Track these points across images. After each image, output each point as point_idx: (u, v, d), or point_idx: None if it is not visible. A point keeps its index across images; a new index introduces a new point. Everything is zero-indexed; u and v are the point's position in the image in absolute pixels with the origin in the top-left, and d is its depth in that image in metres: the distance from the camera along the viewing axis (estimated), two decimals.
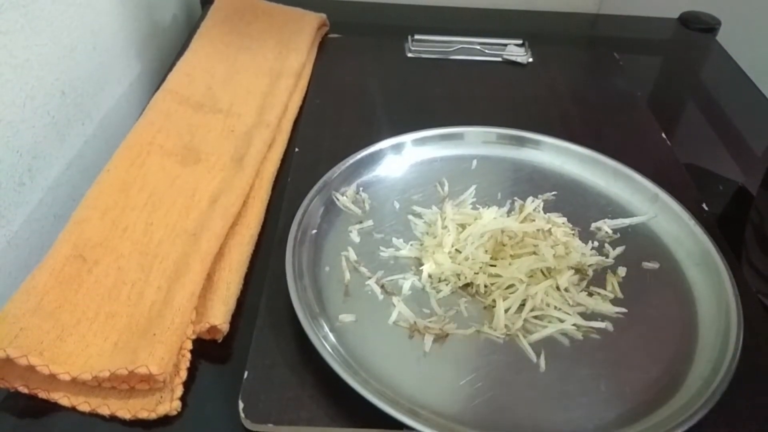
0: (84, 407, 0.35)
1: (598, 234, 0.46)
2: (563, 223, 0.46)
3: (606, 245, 0.45)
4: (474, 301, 0.41)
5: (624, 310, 0.40)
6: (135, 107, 0.62)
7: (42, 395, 0.35)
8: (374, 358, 0.37)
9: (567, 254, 0.42)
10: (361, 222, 0.46)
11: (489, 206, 0.46)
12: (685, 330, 0.40)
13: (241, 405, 0.34)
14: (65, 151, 0.51)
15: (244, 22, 0.66)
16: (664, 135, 0.56)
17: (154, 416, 0.34)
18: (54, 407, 0.35)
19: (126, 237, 0.42)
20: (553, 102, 0.61)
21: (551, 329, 0.39)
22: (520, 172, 0.51)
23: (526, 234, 0.43)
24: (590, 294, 0.41)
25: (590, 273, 0.43)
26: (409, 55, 0.67)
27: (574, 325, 0.39)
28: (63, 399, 0.35)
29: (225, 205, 0.44)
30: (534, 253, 0.42)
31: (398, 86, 0.62)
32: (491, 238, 0.43)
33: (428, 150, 0.52)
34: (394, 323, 0.39)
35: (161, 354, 0.35)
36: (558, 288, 0.41)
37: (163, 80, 0.57)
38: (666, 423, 0.34)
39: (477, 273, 0.41)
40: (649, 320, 0.40)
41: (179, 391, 0.35)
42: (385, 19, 0.78)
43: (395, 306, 0.40)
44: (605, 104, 0.61)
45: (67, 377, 0.34)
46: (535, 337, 0.39)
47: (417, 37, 0.68)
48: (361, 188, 0.48)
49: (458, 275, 0.41)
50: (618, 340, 0.39)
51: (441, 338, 0.38)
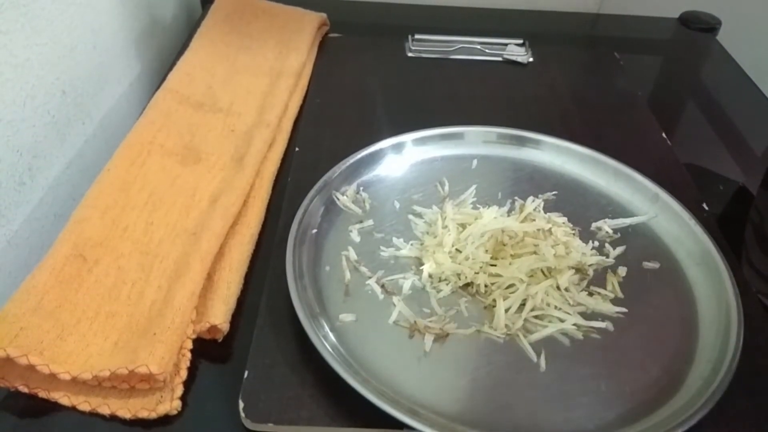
0: (84, 407, 0.35)
1: (599, 234, 0.46)
2: (563, 223, 0.46)
3: (606, 245, 0.45)
4: (474, 301, 0.41)
5: (624, 310, 0.40)
6: (135, 107, 0.62)
7: (42, 395, 0.35)
8: (374, 358, 0.37)
9: (567, 254, 0.42)
10: (362, 221, 0.46)
11: (489, 206, 0.46)
12: (685, 330, 0.40)
13: (242, 404, 0.34)
14: (65, 151, 0.51)
15: (245, 22, 0.66)
16: (665, 135, 0.57)
17: (155, 416, 0.34)
18: (54, 407, 0.35)
19: (126, 236, 0.42)
20: (554, 102, 0.61)
21: (551, 329, 0.39)
22: (521, 172, 0.51)
23: (527, 234, 0.43)
24: (590, 294, 0.41)
25: (590, 273, 0.43)
26: (410, 55, 0.67)
27: (575, 325, 0.39)
28: (63, 398, 0.35)
29: (225, 205, 0.44)
30: (534, 253, 0.42)
31: (398, 86, 0.62)
32: (491, 238, 0.43)
33: (428, 150, 0.52)
34: (395, 323, 0.39)
35: (161, 353, 0.35)
36: (558, 288, 0.41)
37: (163, 80, 0.57)
38: (666, 423, 0.34)
39: (477, 273, 0.41)
40: (649, 320, 0.40)
41: (179, 391, 0.35)
42: (386, 19, 0.78)
43: (395, 306, 0.40)
44: (605, 104, 0.61)
45: (68, 377, 0.34)
46: (536, 337, 0.39)
47: (417, 37, 0.68)
48: (362, 188, 0.48)
49: (458, 275, 0.41)
50: (618, 340, 0.39)
51: (441, 338, 0.38)
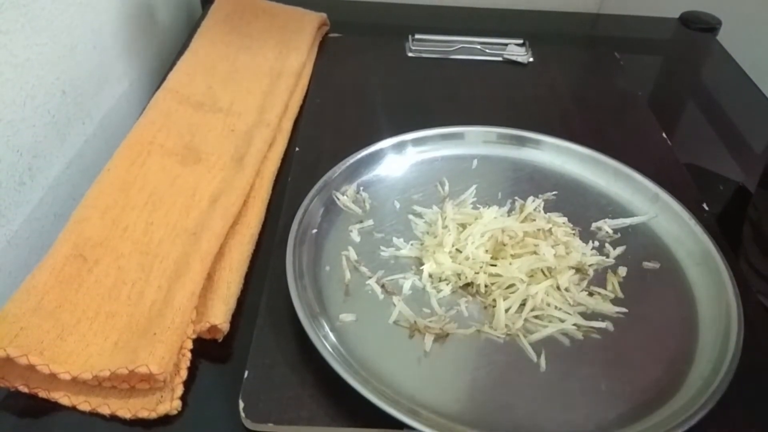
0: (84, 407, 0.35)
1: (599, 234, 0.46)
2: (564, 223, 0.46)
3: (606, 245, 0.45)
4: (474, 301, 0.41)
5: (624, 310, 0.40)
6: (135, 107, 0.62)
7: (42, 394, 0.35)
8: (374, 358, 0.37)
9: (567, 254, 0.42)
10: (362, 221, 0.46)
11: (489, 206, 0.46)
12: (685, 330, 0.40)
13: (242, 404, 0.34)
14: (65, 151, 0.51)
15: (245, 22, 0.66)
16: (665, 135, 0.56)
17: (155, 416, 0.34)
18: (54, 407, 0.35)
19: (126, 236, 0.42)
20: (554, 102, 0.61)
21: (551, 329, 0.39)
22: (521, 172, 0.51)
23: (527, 234, 0.43)
24: (590, 294, 0.41)
25: (591, 273, 0.43)
26: (410, 55, 0.67)
27: (575, 325, 0.39)
28: (63, 398, 0.35)
29: (225, 205, 0.44)
30: (534, 253, 0.42)
31: (398, 86, 0.62)
32: (492, 238, 0.43)
33: (428, 150, 0.51)
34: (395, 323, 0.39)
35: (161, 353, 0.35)
36: (558, 288, 0.41)
37: (164, 80, 0.57)
38: (666, 423, 0.34)
39: (477, 273, 0.41)
40: (649, 320, 0.40)
41: (179, 391, 0.35)
42: (386, 19, 0.78)
43: (395, 305, 0.40)
44: (605, 104, 0.61)
45: (68, 376, 0.34)
46: (536, 337, 0.39)
47: (417, 37, 0.68)
48: (362, 188, 0.48)
49: (459, 275, 0.41)
50: (618, 340, 0.39)
51: (441, 338, 0.38)
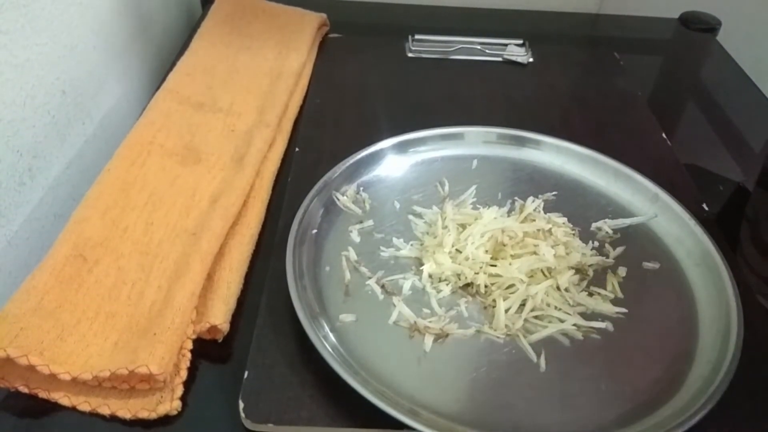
0: (84, 407, 0.35)
1: (599, 234, 0.46)
2: (563, 223, 0.46)
3: (606, 245, 0.45)
4: (474, 301, 0.41)
5: (624, 310, 0.40)
6: (135, 107, 0.62)
7: (42, 395, 0.35)
8: (374, 358, 0.37)
9: (567, 254, 0.42)
10: (362, 222, 0.46)
11: (489, 206, 0.46)
12: (685, 330, 0.40)
13: (242, 405, 0.34)
14: (65, 151, 0.51)
15: (245, 22, 0.66)
16: (664, 135, 0.56)
17: (155, 416, 0.34)
18: (54, 407, 0.35)
19: (126, 237, 0.42)
20: (554, 102, 0.61)
21: (551, 329, 0.39)
22: (521, 172, 0.51)
23: (527, 234, 0.43)
24: (590, 294, 0.41)
25: (590, 273, 0.43)
26: (410, 55, 0.67)
27: (575, 325, 0.39)
28: (63, 399, 0.35)
29: (225, 205, 0.44)
30: (534, 253, 0.42)
31: (398, 86, 0.62)
32: (492, 238, 0.43)
33: (428, 150, 0.52)
34: (395, 323, 0.39)
35: (161, 354, 0.35)
36: (558, 288, 0.41)
37: (163, 80, 0.57)
38: (666, 423, 0.34)
39: (477, 273, 0.41)
40: (649, 320, 0.40)
41: (179, 391, 0.35)
42: (386, 19, 0.78)
43: (395, 306, 0.40)
44: (605, 104, 0.61)
45: (68, 377, 0.34)
46: (536, 337, 0.39)
47: (417, 37, 0.68)
48: (362, 188, 0.48)
49: (458, 275, 0.42)
50: (618, 340, 0.39)
51: (441, 338, 0.38)
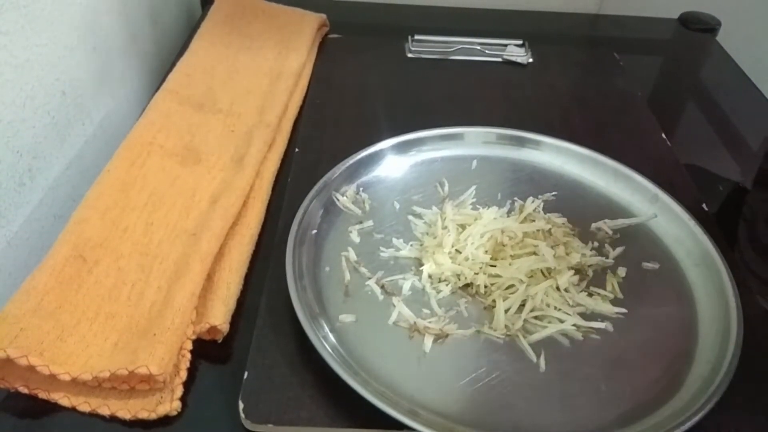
0: (84, 407, 0.35)
1: (598, 234, 0.46)
2: (563, 224, 0.46)
3: (606, 245, 0.45)
4: (474, 302, 0.41)
5: (624, 311, 0.40)
6: (135, 107, 0.62)
7: (42, 395, 0.35)
8: (374, 359, 0.37)
9: (567, 255, 0.42)
10: (361, 222, 0.46)
11: (489, 206, 0.46)
12: (685, 330, 0.40)
13: (241, 405, 0.34)
14: (65, 152, 0.51)
15: (245, 22, 0.66)
16: (664, 135, 0.56)
17: (154, 416, 0.34)
18: (54, 407, 0.35)
19: (126, 237, 0.42)
20: (553, 102, 0.61)
21: (551, 329, 0.39)
22: (520, 173, 0.51)
23: (526, 234, 0.43)
24: (590, 294, 0.41)
25: (590, 273, 0.43)
26: (409, 56, 0.67)
27: (574, 326, 0.39)
28: (63, 399, 0.35)
29: (225, 206, 0.44)
30: (534, 254, 0.42)
31: (398, 86, 0.62)
32: (491, 239, 0.43)
33: (428, 150, 0.51)
34: (394, 323, 0.39)
35: (161, 354, 0.35)
36: (558, 288, 0.41)
37: (163, 80, 0.57)
38: (666, 423, 0.34)
39: (477, 273, 0.41)
40: (649, 320, 0.40)
41: (179, 392, 0.35)
42: (385, 19, 0.78)
43: (395, 306, 0.40)
44: (605, 104, 0.61)
45: (67, 377, 0.34)
46: (535, 338, 0.39)
47: (417, 38, 0.68)
48: (361, 188, 0.48)
49: (458, 275, 0.42)
50: (618, 340, 0.39)
51: (441, 339, 0.38)
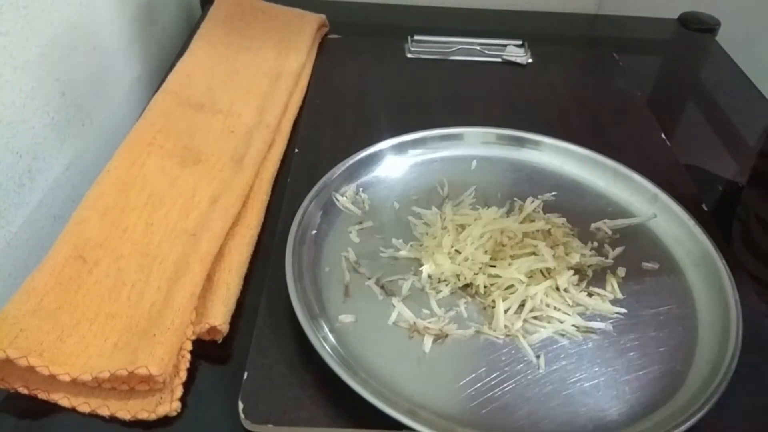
0: (84, 408, 0.35)
1: (598, 234, 0.46)
2: (563, 224, 0.46)
3: (605, 245, 0.45)
4: (474, 302, 0.41)
5: (624, 311, 0.40)
6: (135, 108, 0.62)
7: (42, 396, 0.35)
8: (374, 359, 0.37)
9: (566, 255, 0.42)
10: (361, 222, 0.46)
11: (489, 207, 0.46)
12: (685, 330, 0.40)
13: (241, 405, 0.34)
14: (65, 152, 0.51)
15: (244, 23, 0.66)
16: (664, 135, 0.56)
17: (154, 417, 0.34)
18: (54, 408, 0.35)
19: (126, 238, 0.42)
20: (553, 102, 0.61)
21: (551, 330, 0.39)
22: (520, 173, 0.51)
23: (526, 234, 0.43)
24: (590, 294, 0.41)
25: (590, 273, 0.43)
26: (409, 56, 0.67)
27: (574, 326, 0.39)
28: (63, 400, 0.35)
29: (225, 206, 0.44)
30: (534, 254, 0.42)
31: (398, 86, 0.62)
32: (491, 239, 0.43)
33: (428, 151, 0.52)
34: (394, 324, 0.39)
35: (161, 355, 0.35)
36: (558, 288, 0.41)
37: (163, 80, 0.57)
38: (666, 423, 0.34)
39: (477, 273, 0.41)
40: (649, 320, 0.40)
41: (179, 392, 0.35)
42: (385, 20, 0.78)
43: (395, 306, 0.40)
44: (605, 104, 0.61)
45: (67, 378, 0.34)
46: (535, 338, 0.39)
47: (417, 38, 0.68)
48: (361, 189, 0.48)
49: (458, 276, 0.41)
50: (618, 340, 0.39)
51: (440, 339, 0.38)
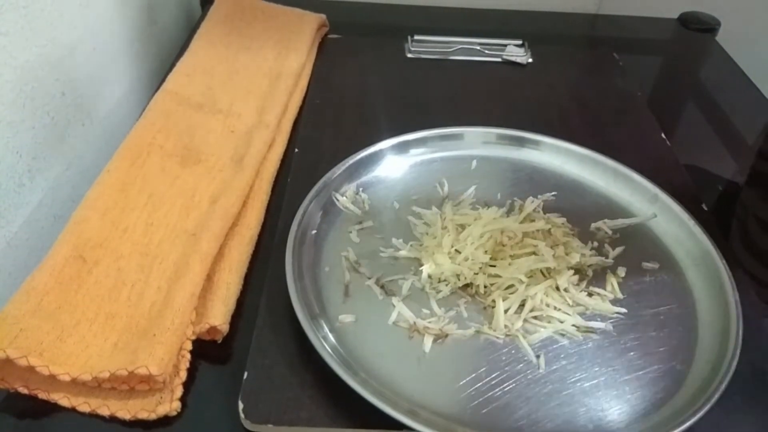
0: (84, 408, 0.35)
1: (598, 234, 0.46)
2: (563, 224, 0.46)
3: (606, 245, 0.45)
4: (474, 302, 0.41)
5: (624, 310, 0.40)
6: (135, 107, 0.62)
7: (42, 396, 0.35)
8: (374, 359, 0.37)
9: (567, 254, 0.42)
10: (361, 222, 0.46)
11: (489, 206, 0.46)
12: (685, 330, 0.40)
13: (241, 405, 0.34)
14: (65, 152, 0.51)
15: (244, 23, 0.66)
16: (664, 135, 0.56)
17: (154, 417, 0.34)
18: (54, 408, 0.35)
19: (126, 237, 0.42)
20: (553, 102, 0.61)
21: (551, 329, 0.39)
22: (520, 173, 0.51)
23: (526, 234, 0.43)
24: (590, 294, 0.41)
25: (590, 273, 0.43)
26: (409, 56, 0.67)
27: (574, 326, 0.39)
28: (63, 400, 0.35)
29: (225, 206, 0.44)
30: (534, 254, 0.42)
31: (398, 86, 0.62)
32: (491, 239, 0.43)
33: (428, 150, 0.52)
34: (394, 323, 0.39)
35: (161, 354, 0.35)
36: (558, 288, 0.41)
37: (163, 80, 0.57)
38: (666, 423, 0.34)
39: (477, 273, 0.41)
40: (649, 320, 0.40)
41: (179, 392, 0.35)
42: (385, 20, 0.78)
43: (395, 306, 0.40)
44: (605, 104, 0.61)
45: (67, 378, 0.34)
46: (535, 338, 0.39)
47: (417, 38, 0.68)
48: (361, 188, 0.48)
49: (458, 275, 0.41)
50: (618, 340, 0.39)
51: (441, 339, 0.38)
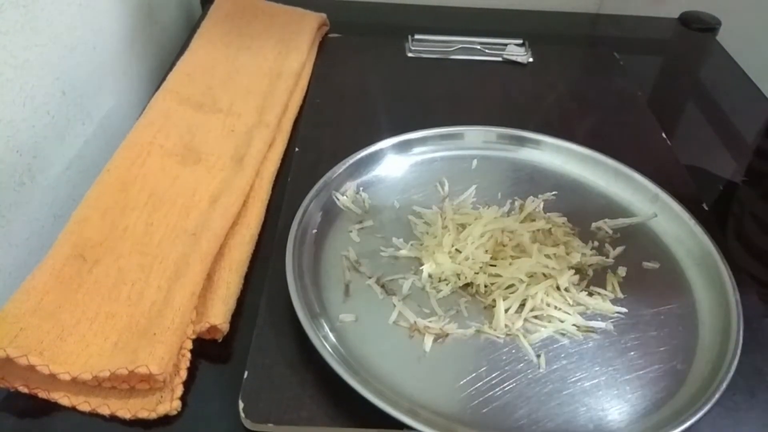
0: (84, 407, 0.35)
1: (599, 234, 0.46)
2: (563, 223, 0.46)
3: (606, 245, 0.45)
4: (474, 301, 0.41)
5: (624, 310, 0.40)
6: (135, 107, 0.62)
7: (42, 395, 0.35)
8: (374, 358, 0.37)
9: (567, 254, 0.42)
10: (362, 222, 0.46)
11: (489, 206, 0.46)
12: (686, 330, 0.40)
13: (241, 405, 0.34)
14: (65, 151, 0.51)
15: (244, 22, 0.66)
16: (664, 135, 0.56)
17: (154, 416, 0.34)
18: (54, 407, 0.35)
19: (126, 237, 0.42)
20: (554, 102, 0.61)
21: (551, 329, 0.39)
22: (521, 172, 0.51)
23: (532, 239, 0.43)
24: (590, 294, 0.41)
25: (590, 273, 0.43)
26: (409, 55, 0.67)
27: (574, 325, 0.39)
28: (63, 399, 0.35)
29: (225, 205, 0.44)
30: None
31: (398, 86, 0.62)
32: (491, 238, 0.43)
33: (428, 150, 0.51)
34: (394, 323, 0.39)
35: (161, 354, 0.35)
36: (558, 288, 0.41)
37: (163, 80, 0.57)
38: (666, 422, 0.34)
39: (477, 273, 0.41)
40: (650, 320, 0.40)
41: (179, 391, 0.35)
42: (385, 19, 0.78)
43: (395, 306, 0.40)
44: (605, 104, 0.61)
45: (67, 377, 0.34)
46: (536, 337, 0.39)
47: (417, 37, 0.68)
48: (362, 188, 0.48)
49: (458, 275, 0.41)
50: (618, 340, 0.39)
51: (441, 338, 0.38)
